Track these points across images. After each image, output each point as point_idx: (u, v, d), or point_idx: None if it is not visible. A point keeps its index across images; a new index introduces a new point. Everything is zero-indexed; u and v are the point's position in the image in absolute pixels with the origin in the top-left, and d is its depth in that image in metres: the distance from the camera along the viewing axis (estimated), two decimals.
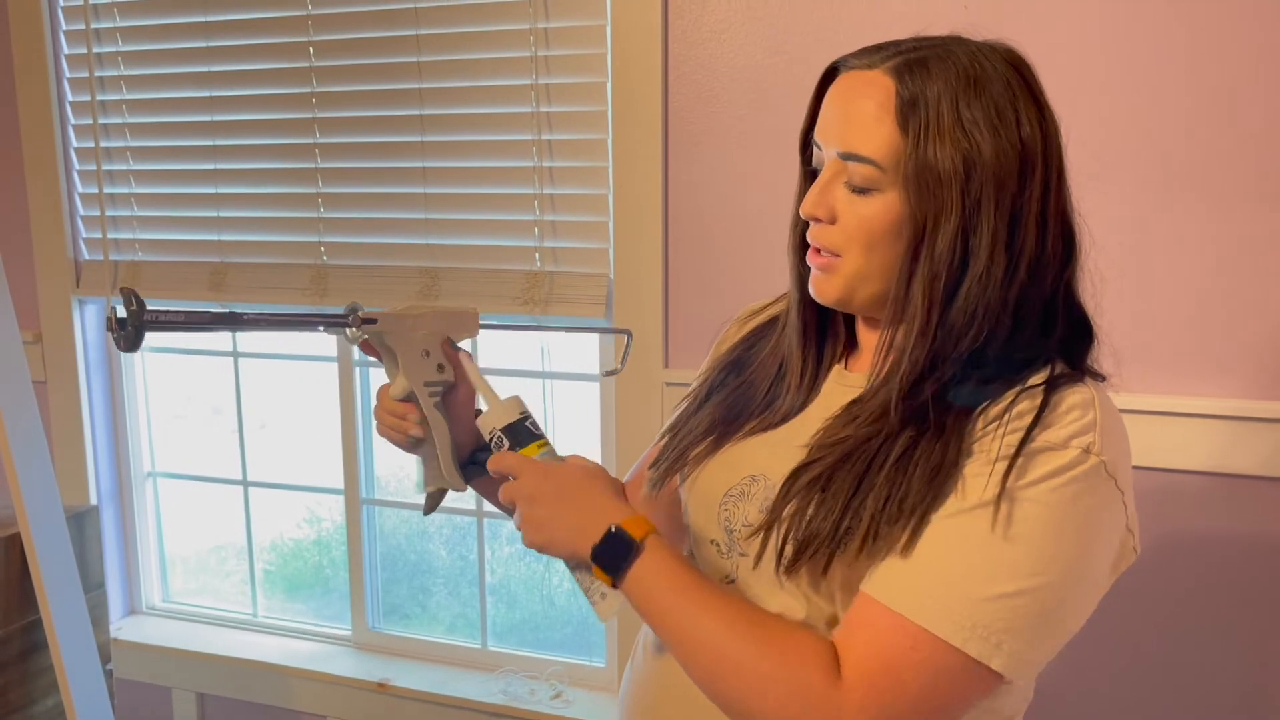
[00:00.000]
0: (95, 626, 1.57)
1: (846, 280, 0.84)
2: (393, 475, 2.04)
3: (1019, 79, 0.82)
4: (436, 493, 0.96)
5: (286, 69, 1.83)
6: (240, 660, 2.01)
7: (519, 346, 1.88)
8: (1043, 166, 0.81)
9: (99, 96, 1.96)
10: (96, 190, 1.98)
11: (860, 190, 0.82)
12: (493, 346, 1.88)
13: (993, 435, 0.78)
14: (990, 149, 0.79)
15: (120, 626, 2.12)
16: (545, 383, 1.88)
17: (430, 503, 0.97)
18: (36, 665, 1.52)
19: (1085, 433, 0.78)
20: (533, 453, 0.87)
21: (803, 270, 0.90)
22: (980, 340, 0.81)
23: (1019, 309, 0.81)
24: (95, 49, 1.94)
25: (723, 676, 0.78)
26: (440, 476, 0.95)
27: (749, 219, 1.58)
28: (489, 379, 0.94)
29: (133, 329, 0.82)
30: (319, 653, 2.02)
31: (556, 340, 1.85)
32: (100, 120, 1.96)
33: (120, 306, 0.83)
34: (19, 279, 2.03)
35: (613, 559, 0.81)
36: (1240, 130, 1.34)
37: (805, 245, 0.88)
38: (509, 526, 1.98)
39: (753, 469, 0.89)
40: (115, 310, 0.84)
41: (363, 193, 1.82)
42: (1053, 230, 0.82)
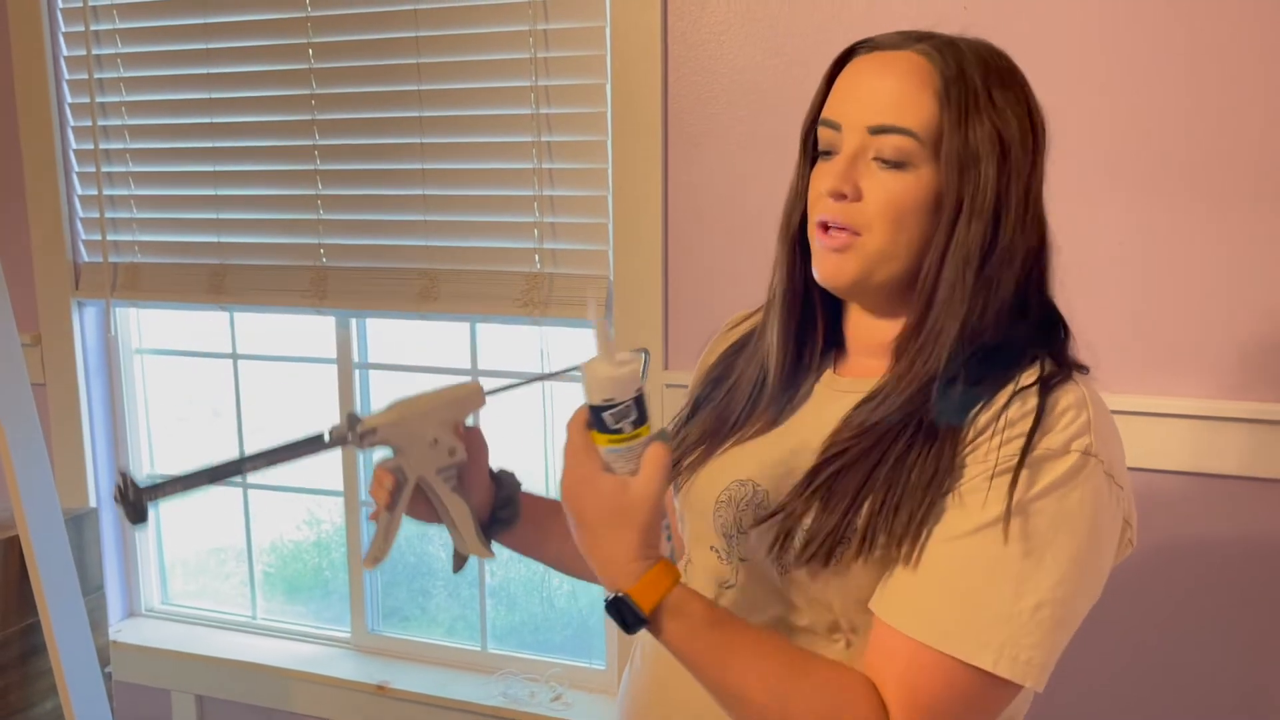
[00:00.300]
0: (94, 629, 1.57)
1: (867, 259, 0.82)
2: None
3: (1019, 71, 0.85)
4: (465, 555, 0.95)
5: (286, 71, 1.82)
6: (239, 663, 2.01)
7: (518, 347, 1.88)
8: (1040, 155, 0.84)
9: (98, 98, 1.95)
10: (96, 192, 1.98)
11: (892, 165, 0.81)
12: (492, 347, 1.88)
13: (987, 444, 0.78)
14: (1017, 132, 0.81)
15: (119, 629, 2.12)
16: (544, 384, 1.88)
17: (458, 562, 0.95)
18: (35, 668, 1.52)
19: (1082, 434, 0.77)
20: (601, 443, 0.78)
21: (795, 260, 0.89)
22: (997, 329, 0.82)
23: (1020, 297, 0.83)
24: (95, 51, 1.94)
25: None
26: (466, 546, 0.93)
27: (749, 220, 1.58)
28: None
29: (135, 504, 0.83)
30: (318, 655, 2.02)
31: (555, 341, 1.85)
32: (100, 122, 1.96)
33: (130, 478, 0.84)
34: (18, 281, 2.03)
35: (621, 621, 0.77)
36: (1217, 131, 1.34)
37: (803, 232, 0.87)
38: None
39: (741, 474, 0.88)
40: (120, 483, 0.84)
41: (362, 195, 1.82)
42: (1040, 218, 0.84)
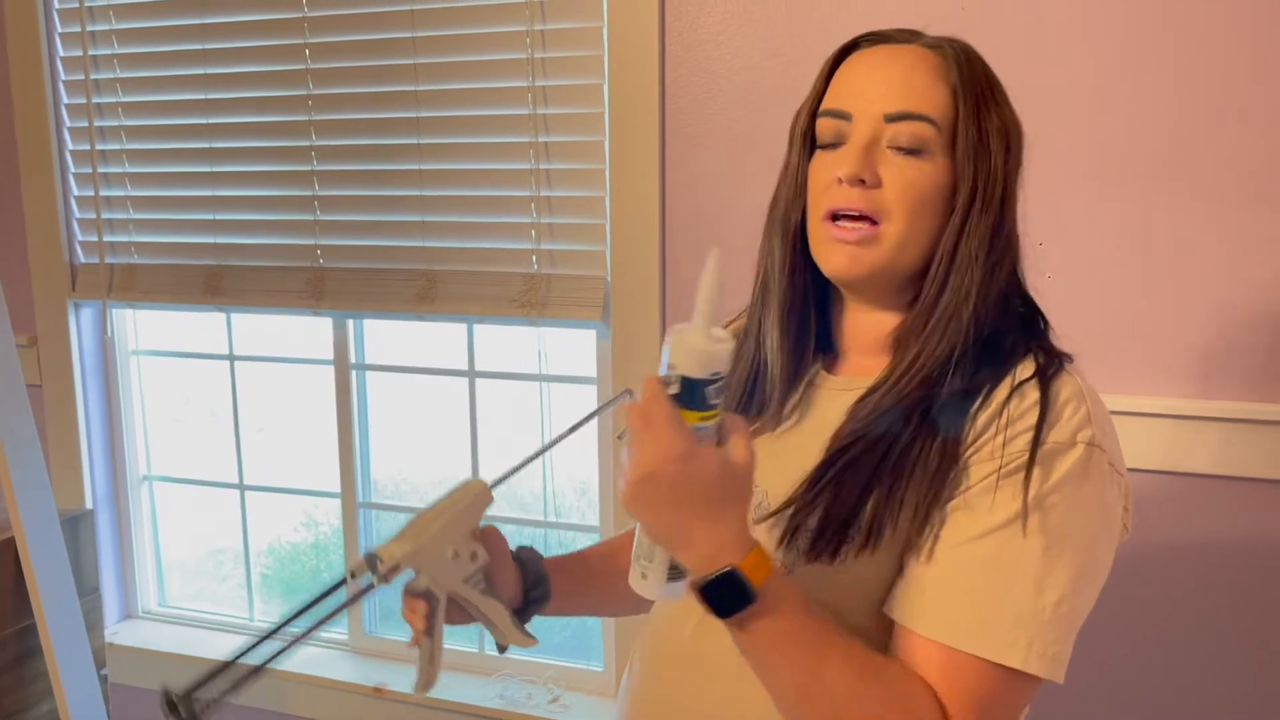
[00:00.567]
0: (90, 631, 1.57)
1: (890, 248, 0.82)
2: (390, 479, 2.03)
3: None
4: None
5: (283, 71, 1.82)
6: (236, 665, 1.99)
7: (516, 349, 1.88)
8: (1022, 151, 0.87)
9: (94, 99, 1.95)
10: (92, 193, 1.98)
11: (910, 152, 0.81)
12: (489, 348, 1.87)
13: (992, 443, 0.78)
14: (1014, 127, 0.85)
15: (116, 631, 2.12)
16: (542, 385, 1.88)
17: (501, 649, 0.95)
18: (31, 670, 1.51)
19: (1085, 426, 0.78)
20: (692, 420, 0.72)
21: (796, 258, 0.88)
22: (994, 318, 0.83)
23: (1008, 287, 0.85)
24: (91, 52, 1.94)
25: None
26: (507, 639, 0.93)
27: (746, 221, 1.57)
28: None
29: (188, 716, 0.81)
30: (315, 657, 2.01)
31: (553, 343, 1.85)
32: (96, 123, 1.96)
33: (172, 692, 0.82)
34: (14, 282, 2.03)
35: (723, 604, 0.72)
36: (1193, 130, 1.34)
37: (801, 229, 0.87)
38: (507, 529, 1.97)
39: None
40: (166, 701, 0.82)
41: (359, 195, 1.81)
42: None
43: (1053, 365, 0.82)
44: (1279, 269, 1.34)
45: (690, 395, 0.72)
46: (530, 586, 0.97)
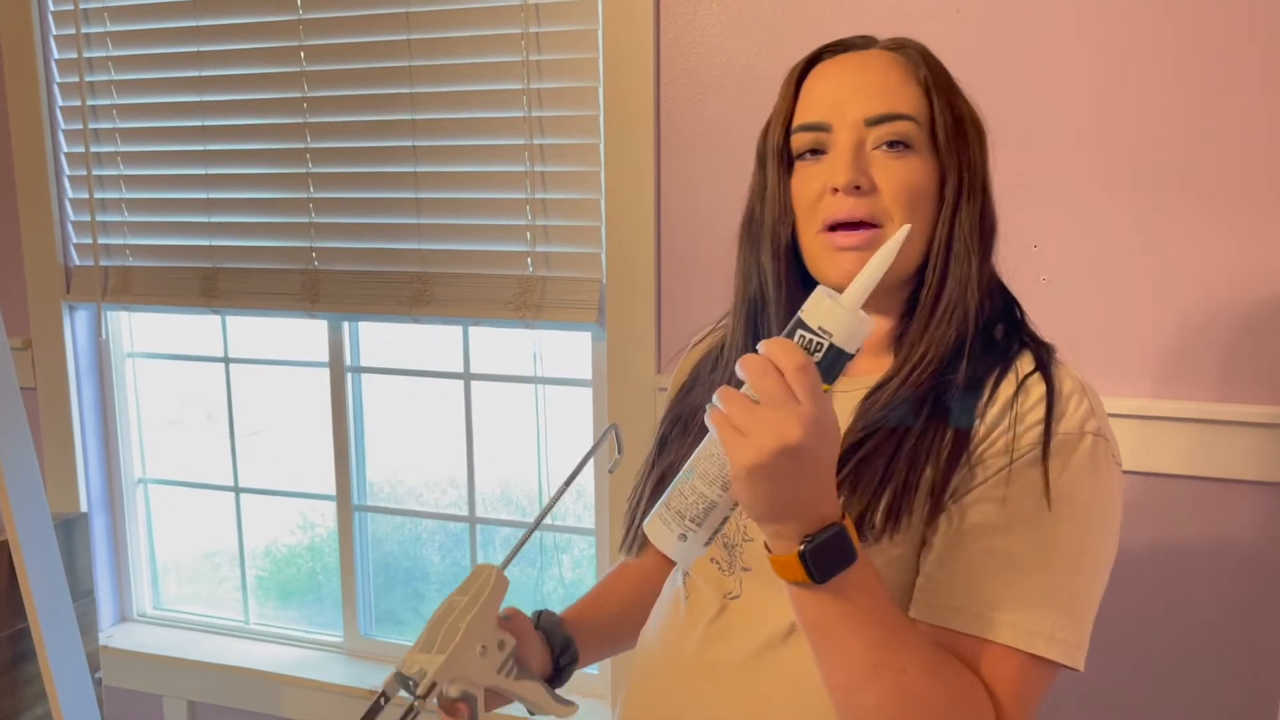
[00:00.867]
0: (84, 635, 1.56)
1: None
2: (385, 481, 2.03)
3: None
4: None
5: (278, 73, 1.82)
6: (232, 668, 2.00)
7: (511, 351, 1.88)
8: None
9: (89, 101, 1.95)
10: (87, 195, 1.98)
11: (900, 148, 0.83)
12: (484, 350, 1.87)
13: (1005, 438, 0.79)
14: (976, 113, 0.87)
15: (111, 634, 2.11)
16: (537, 387, 1.88)
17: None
18: (24, 674, 1.51)
19: (1090, 417, 0.80)
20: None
21: (789, 275, 0.88)
22: (987, 306, 0.85)
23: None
24: (86, 54, 1.93)
25: (903, 713, 0.72)
26: (546, 711, 0.93)
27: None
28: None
29: None
30: (311, 660, 2.01)
31: (549, 345, 1.85)
32: (91, 125, 1.95)
33: None
34: (9, 284, 2.03)
35: (829, 563, 0.68)
36: (1160, 131, 1.35)
37: (792, 245, 0.87)
38: (503, 533, 1.97)
39: None
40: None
41: (355, 198, 1.81)
42: None
43: (1050, 358, 0.84)
44: (1247, 268, 1.34)
45: (831, 368, 0.68)
46: (559, 654, 0.98)
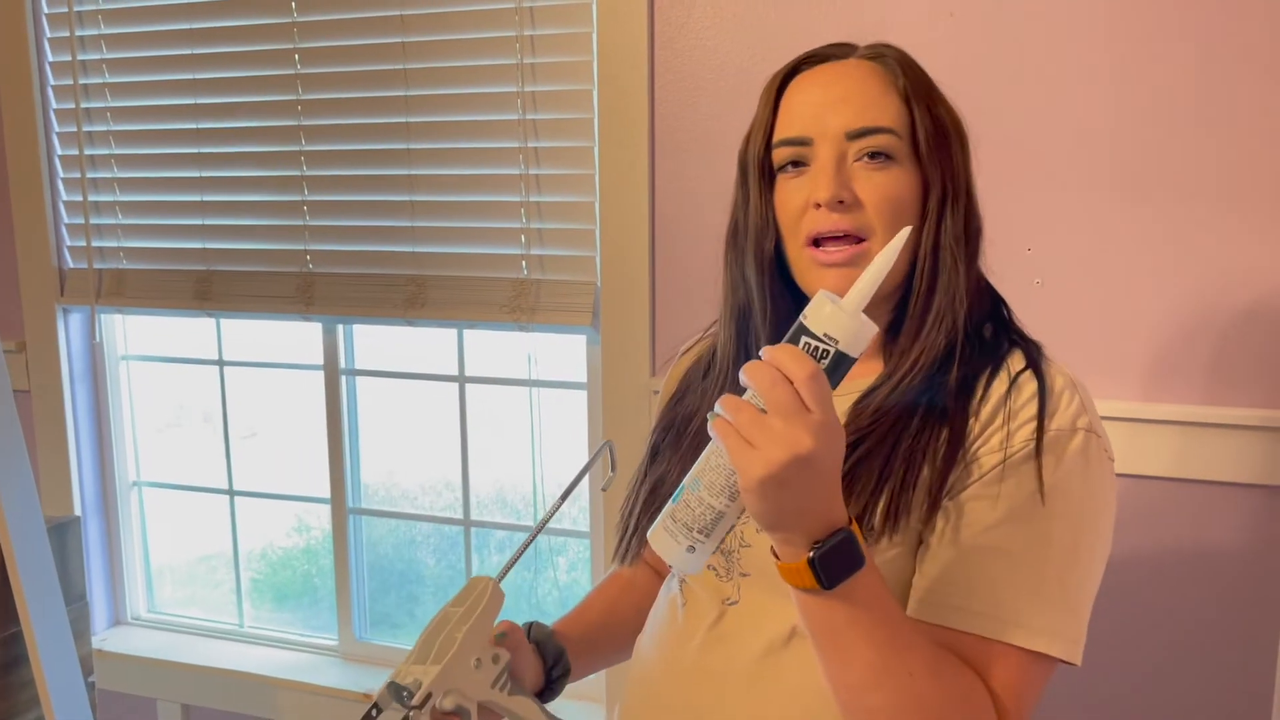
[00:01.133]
0: (77, 639, 1.56)
1: None
2: (381, 483, 2.03)
3: None
4: None
5: (272, 76, 1.82)
6: (226, 671, 1.99)
7: (506, 353, 1.88)
8: None
9: (83, 104, 1.95)
10: (81, 198, 1.97)
11: (880, 165, 0.83)
12: (479, 353, 1.87)
13: (999, 434, 0.79)
14: (957, 116, 0.87)
15: (105, 638, 2.11)
16: (532, 390, 1.88)
17: None
18: (17, 678, 1.51)
19: (1082, 413, 0.80)
20: None
21: (774, 287, 0.88)
22: (976, 306, 0.85)
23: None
24: (80, 56, 1.93)
25: (909, 714, 0.72)
26: None
27: None
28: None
29: None
30: (305, 663, 2.01)
31: (543, 348, 1.85)
32: (85, 128, 1.95)
33: None
34: (2, 287, 2.02)
35: (837, 569, 0.68)
36: (1148, 134, 1.35)
37: (777, 257, 0.88)
38: (498, 536, 1.97)
39: None
40: None
41: (349, 200, 1.81)
42: None
43: (1040, 355, 0.85)
44: (1236, 271, 1.34)
45: (834, 372, 0.67)
46: (551, 666, 0.99)
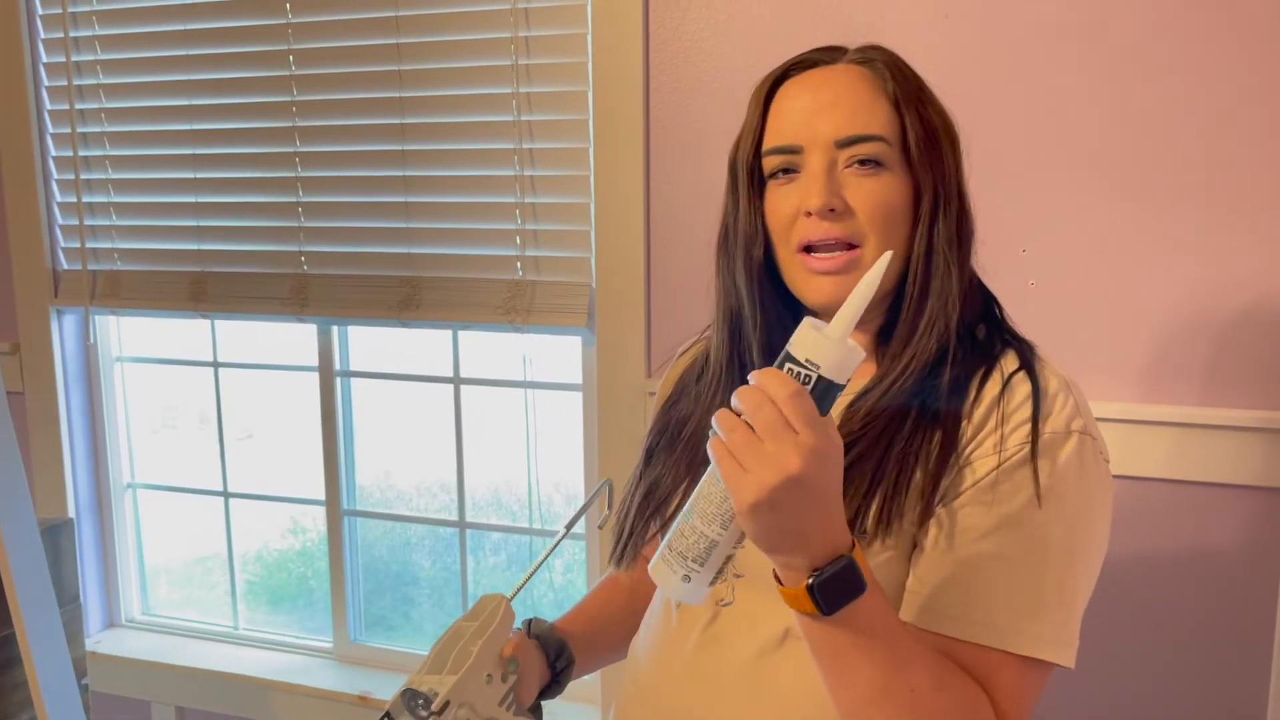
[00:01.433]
0: (70, 641, 1.56)
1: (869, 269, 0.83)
2: (376, 485, 2.03)
3: None
4: None
5: (267, 77, 1.82)
6: (220, 673, 1.99)
7: (501, 355, 1.88)
8: None
9: (78, 105, 1.94)
10: (75, 199, 1.97)
11: (870, 171, 0.82)
12: (475, 354, 1.87)
13: (993, 438, 0.79)
14: (948, 118, 0.87)
15: (99, 640, 2.10)
16: (527, 392, 1.87)
17: None
18: (11, 681, 1.50)
19: (1076, 415, 0.80)
20: None
21: (766, 293, 0.88)
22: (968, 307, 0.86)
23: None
24: (74, 58, 1.93)
25: None
26: None
27: None
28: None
29: None
30: (300, 665, 2.00)
31: (538, 349, 1.85)
32: (79, 129, 1.95)
33: None
34: None
35: (837, 596, 0.67)
36: (1145, 134, 1.35)
37: (767, 264, 0.87)
38: (493, 538, 1.97)
39: None
40: None
41: (343, 202, 1.81)
42: None
43: (1033, 356, 0.84)
44: (1232, 273, 1.34)
45: (823, 399, 0.65)
46: (554, 658, 0.99)
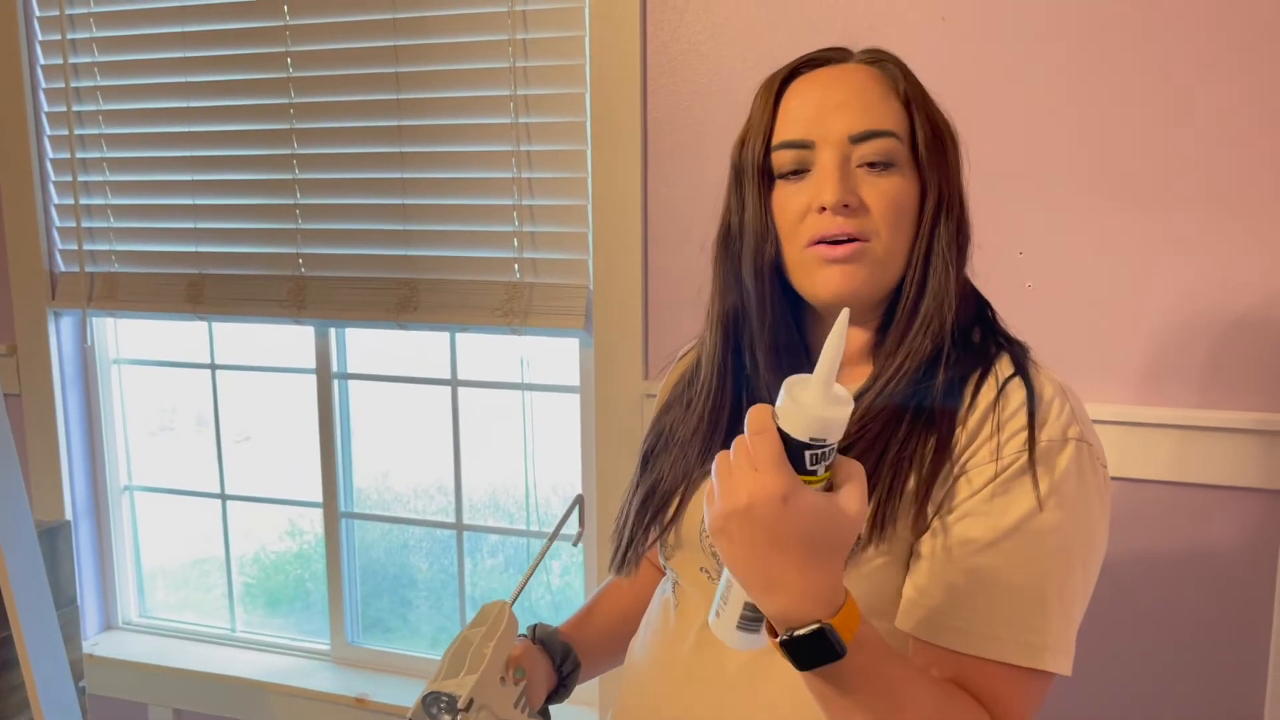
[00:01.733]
0: (67, 643, 1.55)
1: (878, 262, 0.83)
2: (373, 487, 2.03)
3: None
4: None
5: (264, 79, 1.82)
6: (217, 676, 1.99)
7: (499, 357, 1.88)
8: None
9: (75, 107, 1.94)
10: (72, 201, 1.97)
11: (881, 168, 0.83)
12: (472, 355, 1.87)
13: (988, 445, 0.79)
14: (950, 123, 0.88)
15: (96, 642, 2.10)
16: (524, 394, 1.87)
17: None
18: (7, 683, 1.50)
19: (1072, 422, 0.80)
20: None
21: (774, 295, 0.87)
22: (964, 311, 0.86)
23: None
24: (71, 60, 1.93)
25: None
26: None
27: None
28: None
29: None
30: (297, 668, 2.00)
31: (536, 351, 1.85)
32: (76, 131, 1.95)
33: None
34: None
35: (807, 659, 0.67)
36: (1145, 136, 1.35)
37: (776, 263, 0.87)
38: (491, 539, 1.97)
39: None
40: None
41: (341, 204, 1.81)
42: None
43: (1027, 359, 0.84)
44: (1229, 275, 1.35)
45: (818, 461, 0.65)
46: (560, 662, 1.00)
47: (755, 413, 0.66)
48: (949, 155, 0.85)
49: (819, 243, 0.83)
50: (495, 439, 1.91)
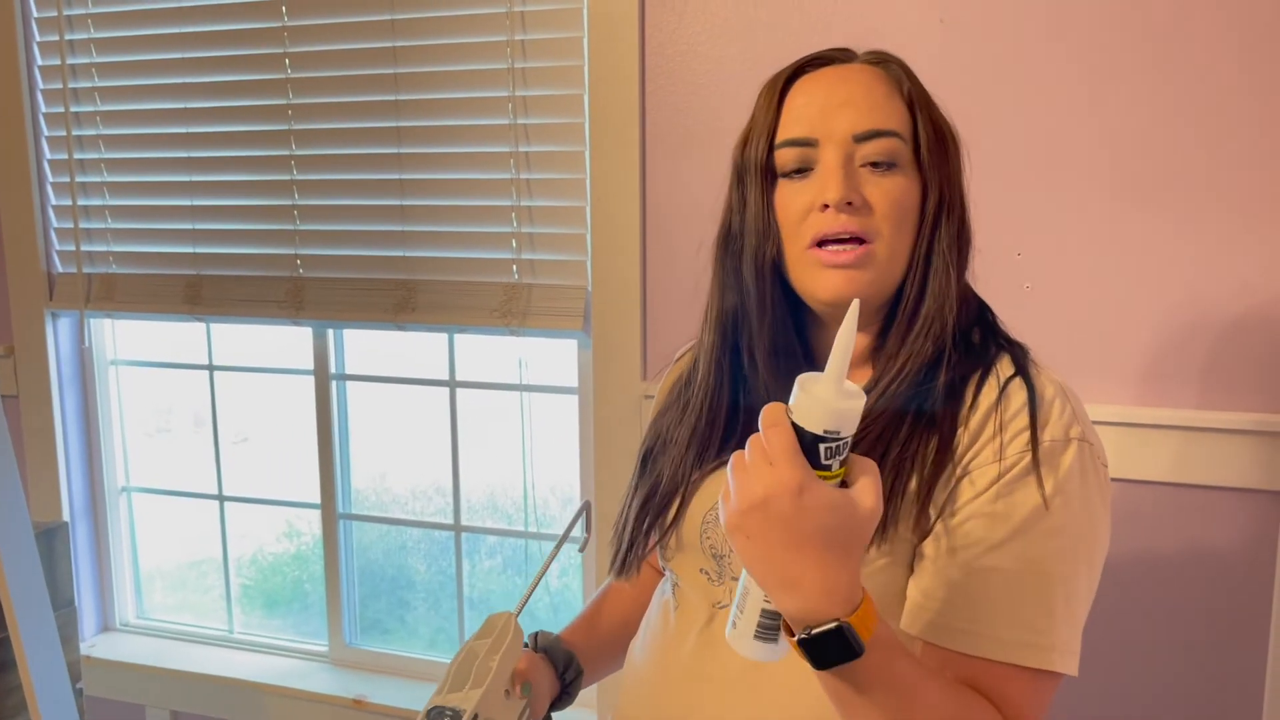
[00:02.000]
0: (65, 644, 1.55)
1: (881, 265, 0.83)
2: (371, 489, 2.02)
3: None
4: None
5: (262, 80, 1.81)
6: (215, 677, 1.98)
7: (497, 357, 1.87)
8: None
9: (72, 108, 1.94)
10: (70, 202, 1.96)
11: (885, 168, 0.82)
12: (470, 357, 1.87)
13: (991, 446, 0.79)
14: (951, 126, 0.88)
15: (94, 644, 2.10)
16: (523, 395, 1.87)
17: None
18: (5, 685, 1.50)
19: (1074, 422, 0.80)
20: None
21: (775, 294, 0.87)
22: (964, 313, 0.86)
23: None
24: (69, 60, 1.93)
25: None
26: None
27: None
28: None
29: None
30: (295, 669, 2.00)
31: (534, 352, 1.84)
32: (74, 132, 1.95)
33: None
34: None
35: (825, 657, 0.66)
36: (1147, 137, 1.35)
37: (776, 262, 0.87)
38: (489, 540, 1.97)
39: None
40: None
41: (339, 205, 1.81)
42: None
43: (1027, 360, 0.84)
44: (1230, 275, 1.34)
45: (833, 455, 0.65)
46: (563, 670, 0.99)
47: (769, 409, 0.66)
48: (951, 157, 0.85)
49: (822, 245, 0.82)
50: (493, 440, 1.91)
